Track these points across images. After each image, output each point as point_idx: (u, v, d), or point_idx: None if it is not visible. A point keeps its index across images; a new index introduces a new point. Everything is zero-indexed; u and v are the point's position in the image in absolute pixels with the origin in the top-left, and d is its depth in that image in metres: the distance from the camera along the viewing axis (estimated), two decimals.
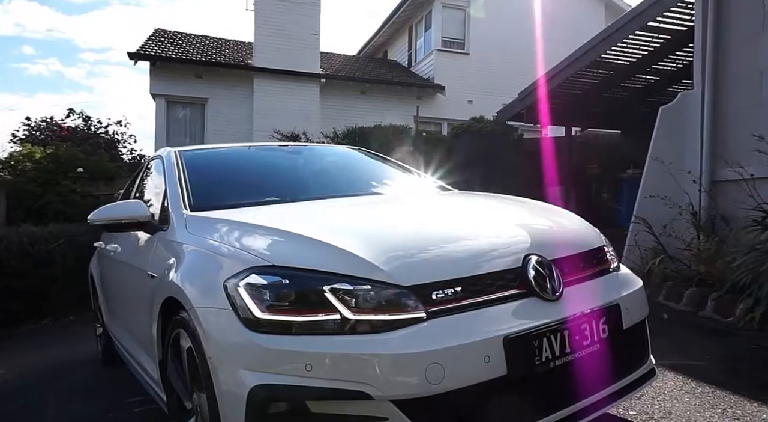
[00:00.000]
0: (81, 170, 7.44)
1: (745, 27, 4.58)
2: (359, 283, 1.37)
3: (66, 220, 6.99)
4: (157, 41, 12.96)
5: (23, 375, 3.67)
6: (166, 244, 2.04)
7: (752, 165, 4.06)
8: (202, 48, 13.40)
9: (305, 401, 1.30)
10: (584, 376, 1.51)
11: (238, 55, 13.44)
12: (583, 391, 1.50)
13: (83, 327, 4.98)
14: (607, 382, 1.57)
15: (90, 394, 3.04)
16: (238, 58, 13.03)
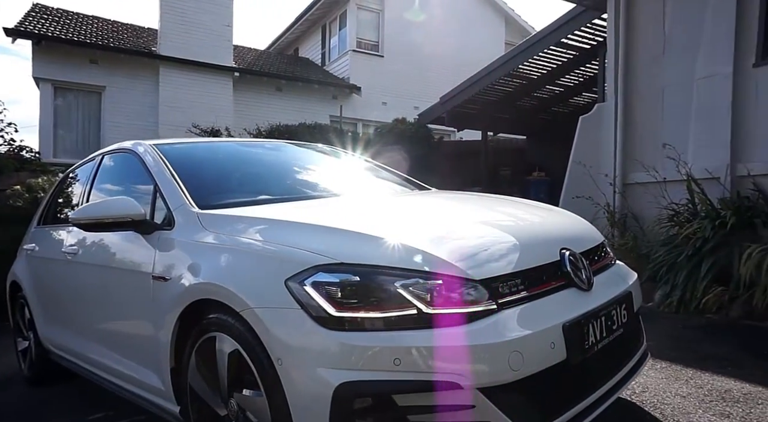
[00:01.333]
0: None
1: (649, 51, 5.29)
2: (432, 278, 1.41)
3: None
4: (38, 18, 11.49)
5: None
6: (176, 244, 1.88)
7: (665, 169, 4.71)
8: (96, 30, 12.14)
9: (391, 395, 1.32)
10: (614, 356, 1.71)
11: (139, 41, 12.38)
12: (615, 370, 1.70)
13: None
14: (626, 358, 1.78)
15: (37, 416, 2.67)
16: (139, 45, 12.00)
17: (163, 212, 2.05)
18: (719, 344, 2.90)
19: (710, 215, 3.88)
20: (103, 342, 2.28)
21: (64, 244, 2.64)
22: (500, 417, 1.32)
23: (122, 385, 2.17)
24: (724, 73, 4.58)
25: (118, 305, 2.15)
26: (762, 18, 4.44)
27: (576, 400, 1.51)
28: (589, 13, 6.72)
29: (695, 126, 4.79)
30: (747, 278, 3.37)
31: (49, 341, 2.92)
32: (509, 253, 1.58)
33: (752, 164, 4.32)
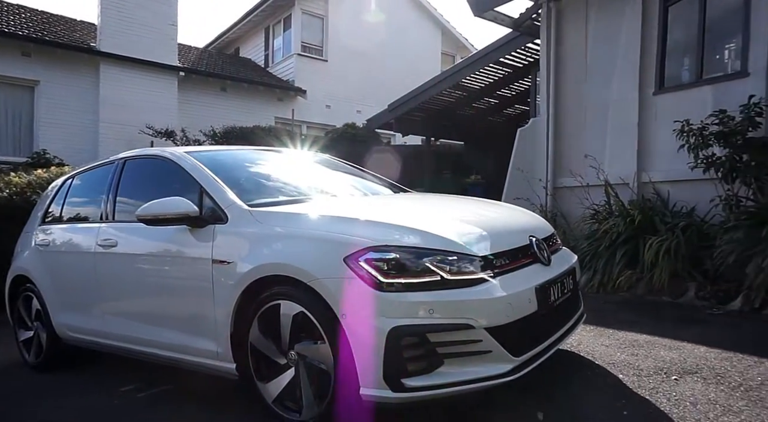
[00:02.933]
0: None
1: (574, 76, 6.27)
2: (449, 255, 2.02)
3: None
4: None
5: None
6: (233, 234, 2.34)
7: (588, 176, 5.65)
8: (26, 21, 11.59)
9: (426, 333, 1.90)
10: (566, 311, 2.41)
11: (74, 35, 11.95)
12: (566, 320, 2.40)
13: None
14: (572, 315, 2.49)
15: (67, 392, 2.94)
16: (76, 39, 11.59)
17: (210, 209, 2.49)
18: (629, 312, 3.76)
19: (622, 214, 4.82)
20: (152, 320, 2.66)
21: (96, 238, 2.96)
22: (498, 348, 1.95)
23: (172, 355, 2.57)
24: (632, 98, 5.61)
25: (173, 286, 2.55)
26: (659, 56, 5.50)
27: (543, 339, 2.18)
28: (524, 38, 7.69)
29: (610, 141, 5.79)
30: (649, 263, 4.29)
31: (67, 327, 3.20)
32: (498, 238, 2.22)
33: (652, 173, 5.36)
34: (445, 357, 1.92)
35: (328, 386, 2.02)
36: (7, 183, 5.92)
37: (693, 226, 4.38)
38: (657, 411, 2.02)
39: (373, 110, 14.52)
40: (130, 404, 2.66)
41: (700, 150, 4.45)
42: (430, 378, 1.90)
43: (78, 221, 3.31)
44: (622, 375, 2.42)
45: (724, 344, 2.80)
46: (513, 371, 1.97)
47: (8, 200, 5.67)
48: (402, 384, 1.87)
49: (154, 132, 9.09)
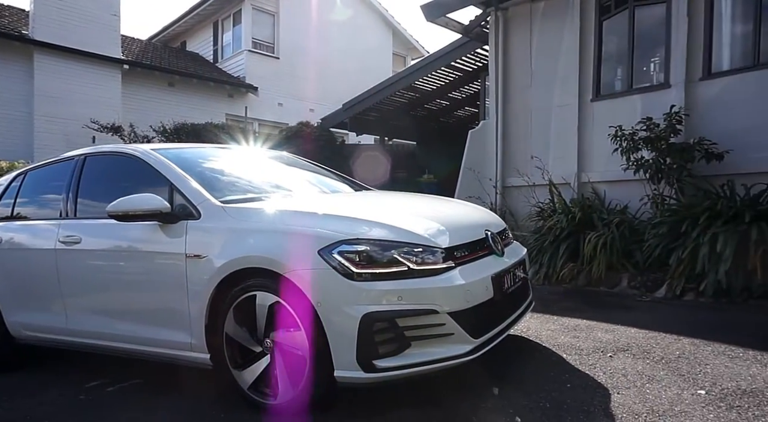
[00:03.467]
0: None
1: (520, 82, 6.67)
2: (415, 247, 2.21)
3: None
4: None
5: None
6: (207, 230, 2.42)
7: (533, 176, 6.05)
8: None
9: (395, 319, 2.08)
10: (517, 298, 2.67)
11: (4, 21, 11.22)
12: (517, 306, 2.65)
13: None
14: (522, 301, 2.75)
15: (28, 390, 2.89)
16: (5, 26, 10.88)
17: (181, 205, 2.55)
18: (571, 301, 4.12)
19: (565, 211, 5.22)
20: (121, 315, 2.68)
21: (57, 235, 2.92)
22: (459, 330, 2.16)
23: (145, 349, 2.61)
24: (572, 104, 6.06)
25: (144, 281, 2.59)
26: (595, 66, 5.98)
27: (498, 322, 2.42)
28: (474, 43, 8.06)
29: (554, 143, 6.23)
30: (588, 256, 4.70)
31: (23, 326, 3.13)
32: (458, 232, 2.44)
33: (591, 174, 5.83)
34: (413, 340, 2.11)
35: (303, 371, 2.16)
36: None
37: (626, 222, 4.83)
38: (595, 383, 2.30)
39: (326, 108, 14.59)
40: (99, 398, 2.66)
41: (631, 153, 4.91)
42: (400, 359, 2.08)
43: (34, 218, 3.23)
44: (565, 355, 2.71)
45: (650, 326, 3.17)
46: (473, 351, 2.19)
47: None
48: (374, 365, 2.04)
49: (100, 127, 8.75)
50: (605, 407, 2.03)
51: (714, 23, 5.08)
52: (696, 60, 5.12)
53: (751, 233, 3.73)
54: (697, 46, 5.11)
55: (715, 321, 3.27)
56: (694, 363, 2.47)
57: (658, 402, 2.06)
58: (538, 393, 2.22)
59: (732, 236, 3.80)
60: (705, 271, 3.88)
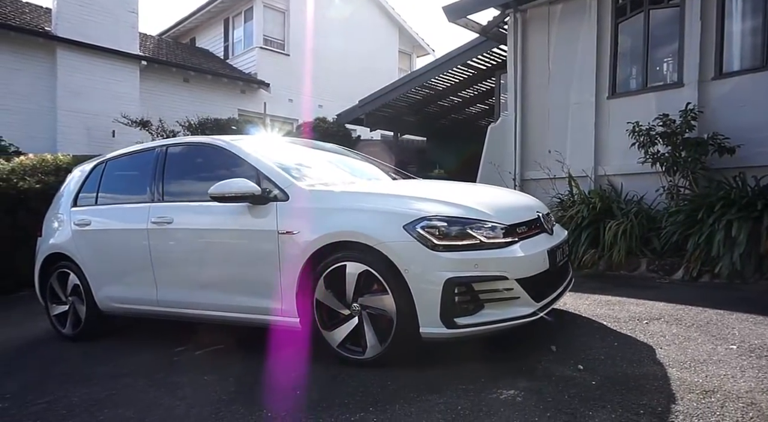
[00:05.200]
0: None
1: (538, 80, 7.01)
2: (485, 224, 2.55)
3: None
4: None
5: None
6: (296, 210, 2.75)
7: (553, 169, 6.41)
8: None
9: (472, 283, 2.43)
10: (563, 272, 3.02)
11: (26, 18, 11.47)
12: (564, 279, 3.00)
13: None
14: (566, 276, 3.11)
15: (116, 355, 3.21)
16: (28, 22, 11.14)
17: (269, 189, 2.88)
18: (596, 283, 4.47)
19: (585, 202, 5.58)
20: (214, 286, 3.00)
21: (148, 216, 3.25)
22: (524, 295, 2.51)
23: (236, 316, 2.94)
24: (589, 101, 6.41)
25: (237, 255, 2.91)
26: (611, 65, 6.33)
27: (552, 290, 2.77)
28: (490, 43, 8.39)
29: (571, 138, 6.58)
30: (608, 243, 5.06)
31: (112, 299, 3.47)
32: (516, 212, 2.79)
33: (607, 167, 6.19)
34: (485, 302, 2.46)
35: (390, 329, 2.50)
36: None
37: (643, 212, 5.20)
38: (638, 342, 2.66)
39: (334, 104, 14.90)
40: (189, 360, 3.00)
41: (648, 148, 5.27)
42: (475, 318, 2.43)
43: (121, 202, 3.55)
44: (605, 322, 3.07)
45: (676, 300, 3.53)
46: (535, 313, 2.54)
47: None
48: (455, 322, 2.39)
49: (129, 122, 9.02)
50: (652, 357, 2.38)
51: (725, 26, 5.44)
52: (708, 60, 5.48)
53: (763, 220, 4.10)
54: (709, 48, 5.47)
55: (733, 296, 3.64)
56: (722, 327, 2.83)
57: (697, 354, 2.42)
58: (591, 349, 2.57)
59: (745, 223, 4.17)
60: (720, 255, 4.25)
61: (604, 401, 1.93)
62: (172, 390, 2.49)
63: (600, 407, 1.88)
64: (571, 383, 2.13)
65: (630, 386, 2.05)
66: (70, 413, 2.31)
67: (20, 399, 2.56)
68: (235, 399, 2.31)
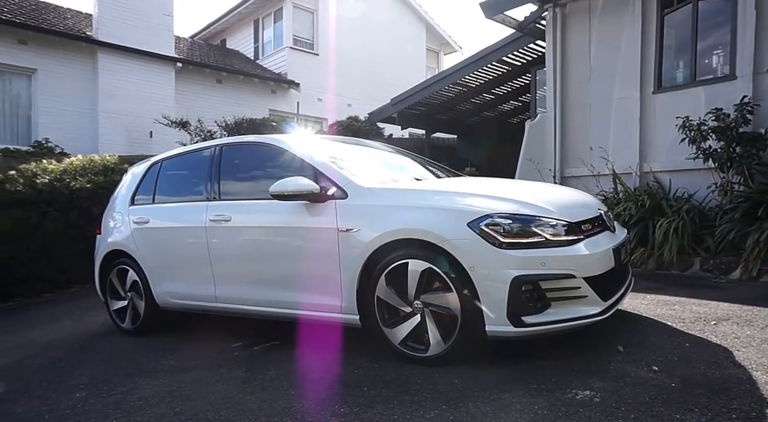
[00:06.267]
0: None
1: (579, 76, 6.88)
2: (549, 222, 2.51)
3: None
4: None
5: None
6: (355, 208, 2.75)
7: (594, 166, 6.28)
8: (17, 7, 11.43)
9: (539, 281, 2.39)
10: (626, 271, 2.95)
11: (68, 23, 11.85)
12: (626, 278, 2.93)
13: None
14: (628, 275, 3.03)
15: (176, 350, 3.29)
16: (71, 28, 11.51)
17: (327, 187, 2.89)
18: (649, 282, 4.35)
19: (632, 199, 5.45)
20: (273, 282, 3.04)
21: (206, 214, 3.31)
22: (592, 293, 2.45)
23: (295, 312, 2.96)
24: (633, 96, 6.25)
25: (296, 252, 2.94)
26: (657, 59, 6.16)
27: (618, 289, 2.71)
28: (526, 39, 8.27)
29: (614, 134, 6.43)
30: (659, 241, 4.93)
31: (170, 295, 3.55)
32: (578, 209, 2.74)
33: (653, 164, 6.03)
34: (552, 301, 2.42)
35: (454, 327, 2.48)
36: (44, 170, 6.07)
37: (695, 209, 5.04)
38: (711, 343, 2.57)
39: (362, 103, 14.94)
40: (248, 355, 3.04)
41: (699, 143, 5.11)
42: (542, 317, 2.39)
43: (179, 200, 3.63)
44: (669, 323, 2.98)
45: (740, 300, 3.41)
46: (603, 312, 2.48)
47: (50, 185, 5.84)
48: (522, 321, 2.36)
49: (169, 122, 9.24)
50: (731, 360, 2.30)
51: None
52: (763, 52, 5.27)
53: None
54: (764, 39, 5.26)
55: None
56: None
57: None
58: (661, 350, 2.51)
59: None
60: None
61: (689, 404, 1.87)
62: (240, 384, 2.53)
63: (686, 410, 1.83)
64: (649, 384, 2.08)
65: (714, 389, 1.98)
66: (147, 404, 2.37)
67: (96, 389, 2.65)
68: (303, 394, 2.34)
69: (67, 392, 2.66)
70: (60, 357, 3.38)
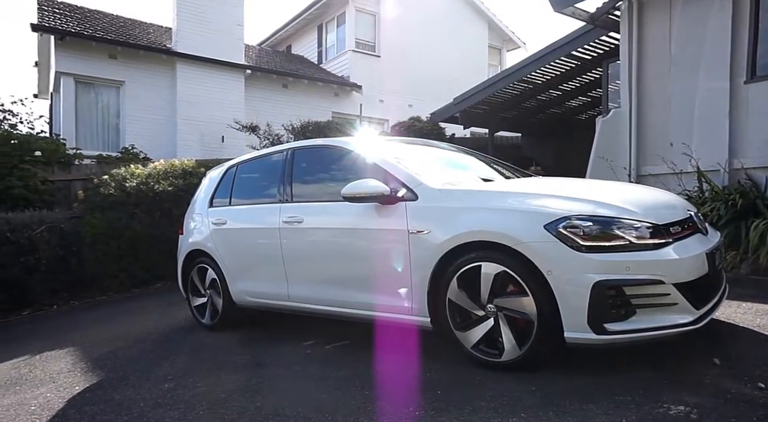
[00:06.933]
0: (38, 154, 6.85)
1: (657, 67, 6.45)
2: (634, 224, 2.36)
3: (27, 207, 6.45)
4: (52, 13, 11.69)
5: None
6: (426, 210, 2.74)
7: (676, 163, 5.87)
8: (108, 26, 12.42)
9: (623, 287, 2.26)
10: (720, 277, 2.73)
11: (151, 37, 12.74)
12: (720, 284, 2.71)
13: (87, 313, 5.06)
14: (722, 282, 2.80)
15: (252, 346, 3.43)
16: (154, 42, 12.38)
17: (397, 189, 2.89)
18: (743, 288, 3.99)
19: (721, 198, 5.04)
20: (344, 283, 3.09)
21: (279, 216, 3.42)
22: (683, 301, 2.29)
23: (365, 313, 2.99)
24: (722, 87, 5.77)
25: (367, 253, 2.97)
26: (751, 44, 5.65)
27: (712, 296, 2.51)
28: (597, 31, 7.87)
29: (699, 128, 5.97)
30: (754, 244, 4.51)
31: (246, 293, 3.70)
32: (665, 210, 2.57)
33: (745, 160, 5.53)
34: (638, 308, 2.28)
35: (530, 332, 2.40)
36: (131, 174, 6.55)
37: None
38: None
39: (423, 103, 14.87)
40: (320, 354, 3.11)
41: None
42: (626, 324, 2.26)
43: (254, 202, 3.79)
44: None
45: None
46: (695, 321, 2.31)
47: (137, 189, 6.29)
48: (604, 328, 2.24)
49: (240, 127, 9.69)
50: None
51: None
52: None
53: None
54: None
55: None
56: None
57: None
58: (767, 365, 2.29)
59: None
60: None
61: None
62: (315, 382, 2.59)
63: None
64: (755, 403, 1.90)
65: None
66: (230, 397, 2.49)
67: (182, 381, 2.82)
68: (377, 395, 2.35)
69: (156, 382, 2.85)
70: (149, 349, 3.63)
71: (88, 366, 3.38)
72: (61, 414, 2.55)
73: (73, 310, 5.72)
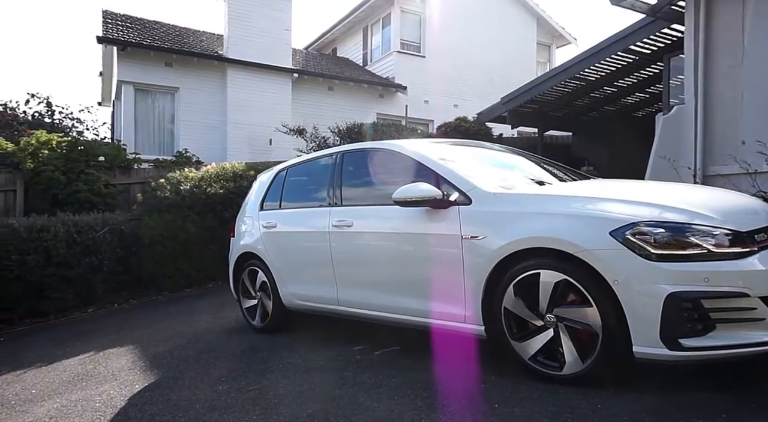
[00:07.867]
0: (102, 159, 7.20)
1: (727, 60, 6.01)
2: (713, 230, 2.17)
3: (91, 209, 6.79)
4: (115, 25, 12.32)
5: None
6: (480, 214, 2.63)
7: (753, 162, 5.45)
8: (164, 35, 12.96)
9: (701, 299, 2.08)
10: None
11: (204, 45, 13.20)
12: None
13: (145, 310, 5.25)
14: None
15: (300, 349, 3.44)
16: (206, 49, 12.82)
17: (450, 193, 2.80)
18: None
19: None
20: (394, 289, 3.03)
21: (329, 219, 3.40)
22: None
23: (416, 320, 2.91)
24: None
25: (418, 259, 2.89)
26: None
27: None
28: (658, 24, 7.44)
29: None
30: None
31: (295, 296, 3.71)
32: (747, 217, 2.35)
33: None
34: (718, 322, 2.09)
35: (594, 345, 2.25)
36: (185, 177, 6.77)
37: None
38: None
39: (469, 103, 14.62)
40: (369, 360, 3.06)
41: None
42: (705, 340, 2.07)
43: (303, 206, 3.80)
44: None
45: None
46: None
47: (190, 191, 6.49)
48: (679, 343, 2.06)
49: (288, 130, 9.85)
50: None
51: None
52: None
53: None
54: None
55: None
56: None
57: None
58: None
59: None
60: None
61: None
62: (366, 390, 2.54)
63: None
64: None
65: None
66: (281, 402, 2.48)
67: (235, 383, 2.85)
68: (431, 406, 2.27)
69: (210, 383, 2.89)
70: (203, 349, 3.71)
71: (147, 364, 3.49)
72: (123, 413, 2.63)
73: (132, 308, 5.97)
